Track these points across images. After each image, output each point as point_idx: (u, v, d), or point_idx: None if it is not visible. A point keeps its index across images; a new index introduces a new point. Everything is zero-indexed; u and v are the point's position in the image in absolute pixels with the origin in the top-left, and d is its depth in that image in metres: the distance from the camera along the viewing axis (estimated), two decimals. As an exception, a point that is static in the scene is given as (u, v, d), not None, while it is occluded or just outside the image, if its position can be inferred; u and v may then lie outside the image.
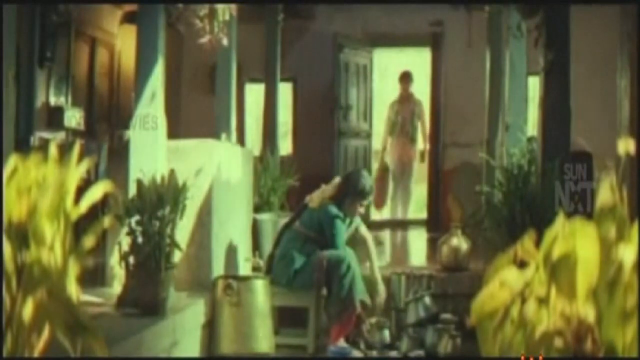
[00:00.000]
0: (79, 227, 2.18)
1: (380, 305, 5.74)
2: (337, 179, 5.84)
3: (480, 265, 6.34)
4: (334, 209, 5.60)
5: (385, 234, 9.91)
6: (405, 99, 10.73)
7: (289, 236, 5.72)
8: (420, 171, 11.07)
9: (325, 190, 5.75)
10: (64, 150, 2.19)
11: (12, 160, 2.13)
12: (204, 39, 5.18)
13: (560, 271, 1.82)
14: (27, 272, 2.04)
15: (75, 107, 8.79)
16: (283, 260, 5.66)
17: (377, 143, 10.86)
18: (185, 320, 4.69)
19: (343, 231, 5.59)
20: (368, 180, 5.73)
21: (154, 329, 4.13)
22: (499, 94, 7.24)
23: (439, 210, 10.46)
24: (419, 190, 11.68)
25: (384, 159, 10.73)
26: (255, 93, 10.83)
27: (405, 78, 10.82)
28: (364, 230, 5.95)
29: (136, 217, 4.48)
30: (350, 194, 5.63)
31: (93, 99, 9.47)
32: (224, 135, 6.94)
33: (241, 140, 8.36)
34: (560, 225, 1.85)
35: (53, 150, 2.17)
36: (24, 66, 7.55)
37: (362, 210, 5.80)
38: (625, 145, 1.94)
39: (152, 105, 5.05)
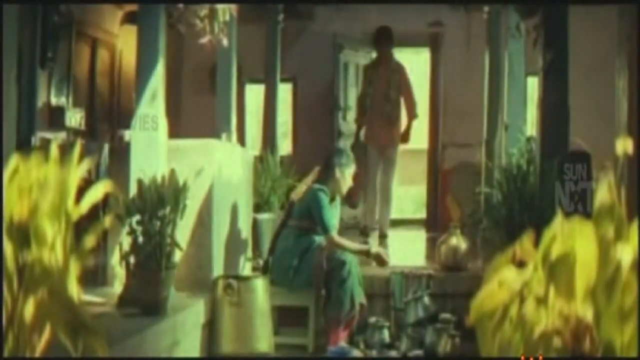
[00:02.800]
0: (80, 227, 2.18)
1: None
2: (315, 169, 5.90)
3: (479, 265, 6.35)
4: (316, 186, 5.66)
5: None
6: (381, 64, 8.49)
7: (283, 235, 5.74)
8: (419, 171, 11.07)
9: (307, 181, 5.83)
10: (65, 150, 2.19)
11: (13, 160, 2.13)
12: (204, 40, 5.18)
13: (558, 271, 1.83)
14: (28, 272, 2.04)
15: (76, 107, 8.80)
16: (280, 260, 5.67)
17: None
18: (186, 320, 4.70)
19: (327, 204, 5.60)
20: (342, 151, 5.92)
21: (154, 328, 4.13)
22: (497, 94, 7.25)
23: (437, 210, 10.48)
24: (418, 190, 11.68)
25: (358, 141, 8.61)
26: (255, 93, 10.85)
27: (382, 36, 8.52)
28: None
29: (137, 217, 4.48)
30: (331, 170, 5.70)
31: (94, 99, 9.48)
32: (224, 135, 6.94)
33: (241, 140, 8.36)
34: (558, 225, 1.86)
35: (54, 150, 2.17)
36: (26, 66, 7.55)
37: (350, 181, 5.82)
38: (623, 145, 1.95)
39: (152, 106, 5.05)
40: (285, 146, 10.48)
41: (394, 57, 8.59)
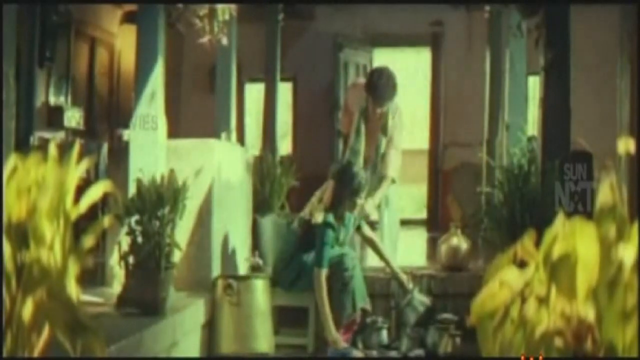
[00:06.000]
0: (79, 227, 2.18)
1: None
2: (329, 182, 5.76)
3: (480, 265, 6.34)
4: (328, 217, 5.46)
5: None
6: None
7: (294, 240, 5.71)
8: (419, 171, 11.06)
9: (318, 197, 5.70)
10: (64, 150, 2.19)
11: (12, 160, 2.13)
12: (204, 39, 5.17)
13: (560, 271, 1.82)
14: (27, 272, 2.04)
15: (75, 107, 8.80)
16: (284, 261, 5.66)
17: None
18: (185, 320, 4.69)
19: (330, 241, 5.43)
20: (359, 172, 5.63)
21: (153, 328, 4.12)
22: (499, 93, 7.24)
23: (438, 210, 10.47)
24: (419, 190, 11.68)
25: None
26: (255, 93, 10.84)
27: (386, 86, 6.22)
28: (367, 230, 5.92)
29: (136, 217, 4.47)
30: (345, 193, 5.55)
31: (93, 99, 9.47)
32: (223, 135, 6.94)
33: (241, 140, 8.36)
34: (560, 225, 1.85)
35: (53, 150, 2.16)
36: (24, 66, 7.55)
37: (361, 202, 5.70)
38: (625, 145, 1.94)
39: (152, 105, 5.04)
40: (285, 146, 10.47)
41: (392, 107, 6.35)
